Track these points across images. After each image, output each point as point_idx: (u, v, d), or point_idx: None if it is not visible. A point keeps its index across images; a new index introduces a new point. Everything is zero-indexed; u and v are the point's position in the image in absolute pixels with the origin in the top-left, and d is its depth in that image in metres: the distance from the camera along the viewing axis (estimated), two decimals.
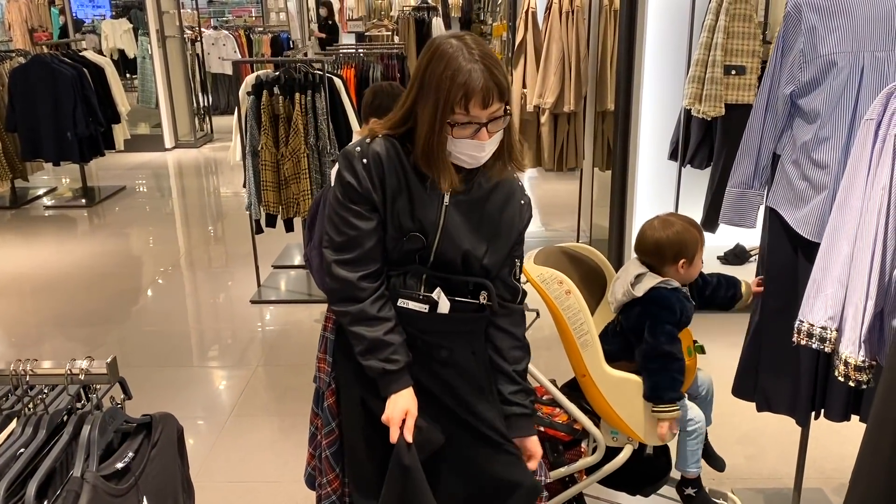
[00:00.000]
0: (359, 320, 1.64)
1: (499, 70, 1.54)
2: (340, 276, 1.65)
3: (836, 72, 2.11)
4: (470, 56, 1.51)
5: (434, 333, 1.69)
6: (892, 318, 1.81)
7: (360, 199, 1.63)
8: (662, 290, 2.06)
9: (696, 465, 2.19)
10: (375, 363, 1.64)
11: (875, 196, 1.78)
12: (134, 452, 1.34)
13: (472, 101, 1.51)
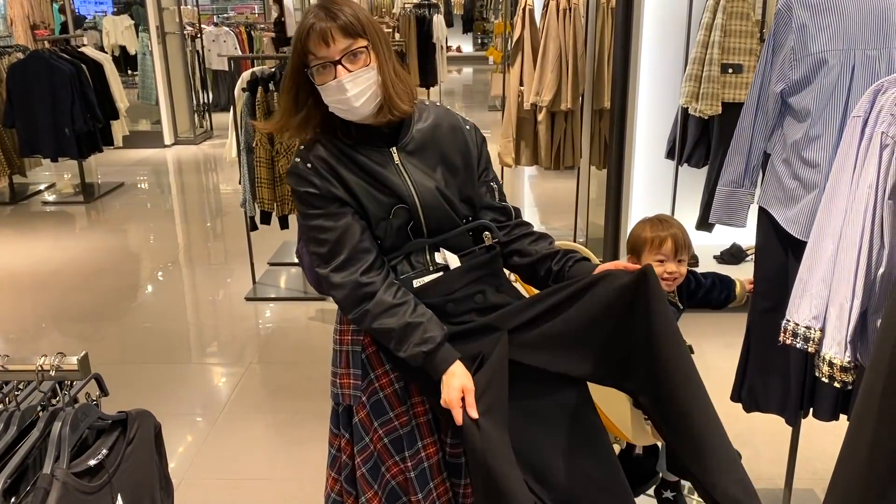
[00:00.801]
0: (379, 314, 1.60)
1: (341, 6, 1.57)
2: (342, 282, 1.62)
3: (826, 70, 2.10)
4: (313, 7, 1.58)
5: (459, 291, 1.69)
6: (875, 318, 1.79)
7: (323, 201, 1.63)
8: None
9: None
10: (413, 350, 1.59)
11: (861, 194, 1.76)
12: (108, 449, 1.33)
13: (310, 41, 1.56)
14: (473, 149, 1.75)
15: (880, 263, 1.79)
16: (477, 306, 1.71)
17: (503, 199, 1.82)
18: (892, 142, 1.71)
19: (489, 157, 1.82)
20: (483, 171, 1.78)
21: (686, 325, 3.24)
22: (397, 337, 1.60)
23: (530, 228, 1.84)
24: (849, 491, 1.72)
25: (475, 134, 1.77)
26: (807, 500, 2.63)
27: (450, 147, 1.72)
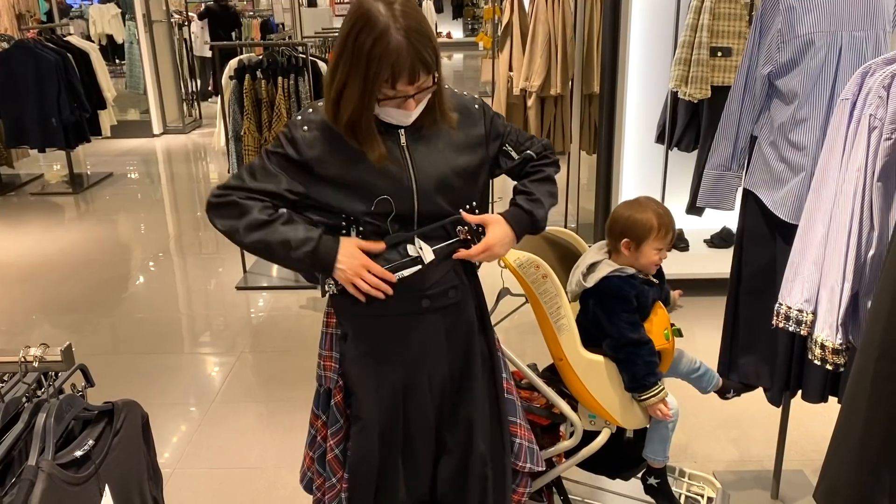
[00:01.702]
0: (251, 230, 1.59)
1: (426, 43, 1.49)
2: (225, 202, 1.61)
3: (813, 51, 2.09)
4: (397, 29, 1.45)
5: (434, 287, 1.69)
6: (867, 300, 1.80)
7: (286, 166, 1.61)
8: (615, 279, 1.99)
9: (664, 454, 2.17)
10: (296, 254, 1.59)
11: (850, 177, 1.76)
12: (94, 440, 1.33)
13: (399, 81, 1.50)
14: (482, 127, 1.72)
15: (870, 246, 1.80)
16: (451, 301, 1.73)
17: (523, 148, 1.78)
18: (880, 124, 1.70)
19: (502, 122, 1.78)
20: (497, 144, 1.76)
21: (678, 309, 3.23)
22: (276, 246, 1.59)
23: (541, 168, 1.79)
24: (842, 472, 1.73)
25: (484, 112, 1.73)
26: (796, 480, 2.64)
27: (458, 131, 1.69)
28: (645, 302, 2.00)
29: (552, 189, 1.80)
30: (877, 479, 1.60)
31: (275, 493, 2.67)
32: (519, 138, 1.79)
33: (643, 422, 2.10)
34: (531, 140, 1.81)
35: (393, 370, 1.76)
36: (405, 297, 1.68)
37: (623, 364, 1.97)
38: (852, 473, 1.66)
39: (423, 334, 1.74)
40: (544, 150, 1.81)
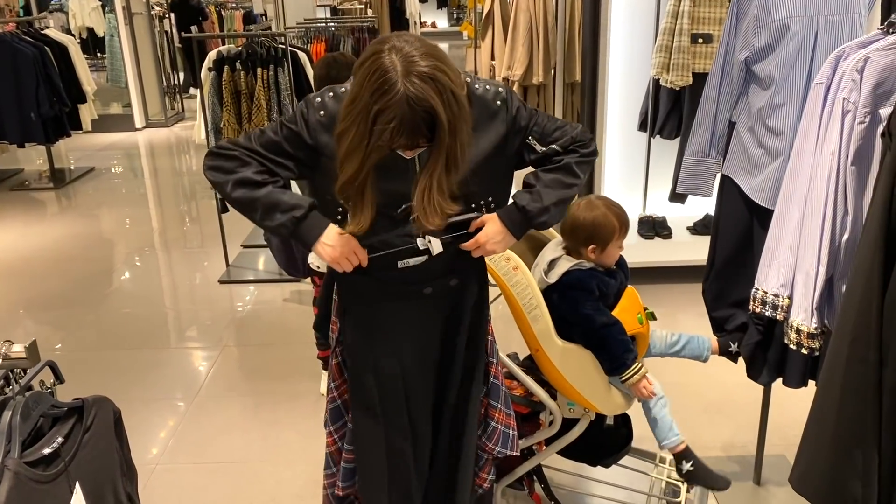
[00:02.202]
0: (239, 185, 1.57)
1: (436, 97, 1.39)
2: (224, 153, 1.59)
3: (789, 36, 2.09)
4: (408, 100, 1.37)
5: (438, 280, 1.69)
6: (842, 284, 1.80)
7: (294, 145, 1.59)
8: (575, 272, 2.01)
9: (675, 433, 2.15)
10: (280, 218, 1.57)
11: (824, 161, 1.76)
12: (64, 437, 1.31)
13: (396, 145, 1.45)
14: (503, 125, 1.64)
15: (845, 230, 1.80)
16: (453, 287, 1.73)
17: (550, 140, 1.67)
18: (853, 108, 1.70)
19: (527, 114, 1.67)
20: (520, 138, 1.67)
21: (662, 295, 3.27)
22: (262, 206, 1.57)
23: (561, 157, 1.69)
24: (816, 456, 1.74)
25: (507, 107, 1.64)
26: (779, 465, 2.65)
27: (478, 135, 1.59)
28: (606, 291, 2.02)
29: (565, 178, 1.67)
30: (850, 462, 1.61)
31: (258, 486, 2.66)
32: (546, 129, 1.68)
33: (622, 407, 2.10)
34: (561, 130, 1.69)
35: (392, 353, 1.76)
36: (408, 283, 1.68)
37: (599, 348, 1.98)
38: (826, 457, 1.66)
39: (424, 320, 1.75)
40: (573, 142, 1.68)
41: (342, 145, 1.46)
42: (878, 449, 1.60)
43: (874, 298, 1.56)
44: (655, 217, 4.41)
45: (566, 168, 1.68)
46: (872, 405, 1.59)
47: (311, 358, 3.27)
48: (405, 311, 1.74)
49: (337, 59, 2.68)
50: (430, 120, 1.40)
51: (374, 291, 1.71)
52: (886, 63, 1.65)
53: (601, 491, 2.48)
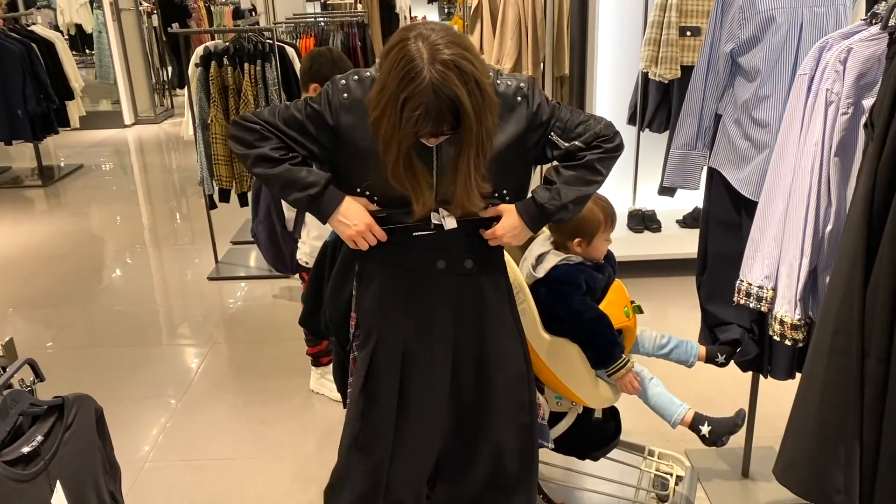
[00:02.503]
0: (261, 162, 1.62)
1: (460, 85, 1.40)
2: (247, 125, 1.63)
3: (775, 28, 2.08)
4: (433, 88, 1.39)
5: (452, 252, 1.69)
6: (826, 275, 1.80)
7: (314, 124, 1.61)
8: (563, 266, 2.02)
9: (678, 404, 2.15)
10: (296, 195, 1.63)
11: (808, 152, 1.76)
12: (44, 436, 1.30)
13: (422, 133, 1.47)
14: (524, 120, 1.63)
15: (828, 221, 1.80)
16: (467, 271, 1.72)
17: (572, 136, 1.66)
18: (836, 98, 1.70)
19: (549, 110, 1.66)
20: (541, 133, 1.66)
21: (652, 289, 3.27)
22: (280, 182, 1.63)
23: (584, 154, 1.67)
24: (799, 447, 1.74)
25: (528, 102, 1.63)
26: (768, 457, 2.65)
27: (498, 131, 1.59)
28: (594, 285, 2.02)
29: (586, 175, 1.66)
30: (832, 454, 1.61)
31: (247, 483, 2.65)
32: (568, 124, 1.66)
33: (609, 401, 2.10)
34: (585, 125, 1.67)
35: (399, 326, 1.75)
36: (421, 254, 1.69)
37: (586, 342, 1.98)
38: (809, 448, 1.67)
39: (434, 296, 1.73)
40: (596, 138, 1.66)
41: (378, 134, 1.50)
42: (860, 440, 1.60)
43: (856, 289, 1.57)
44: (645, 211, 4.42)
45: (588, 165, 1.66)
46: (854, 396, 1.59)
47: (300, 354, 3.26)
48: (416, 282, 1.73)
49: (322, 54, 2.67)
50: (454, 108, 1.43)
51: (388, 256, 1.72)
52: (869, 54, 1.65)
53: (590, 484, 2.48)
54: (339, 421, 3.01)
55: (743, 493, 2.50)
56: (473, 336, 1.77)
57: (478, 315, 1.76)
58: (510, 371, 1.81)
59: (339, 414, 3.03)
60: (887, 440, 1.58)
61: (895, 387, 1.55)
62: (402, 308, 1.74)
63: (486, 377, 1.80)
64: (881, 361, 1.56)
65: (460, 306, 1.74)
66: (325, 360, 3.12)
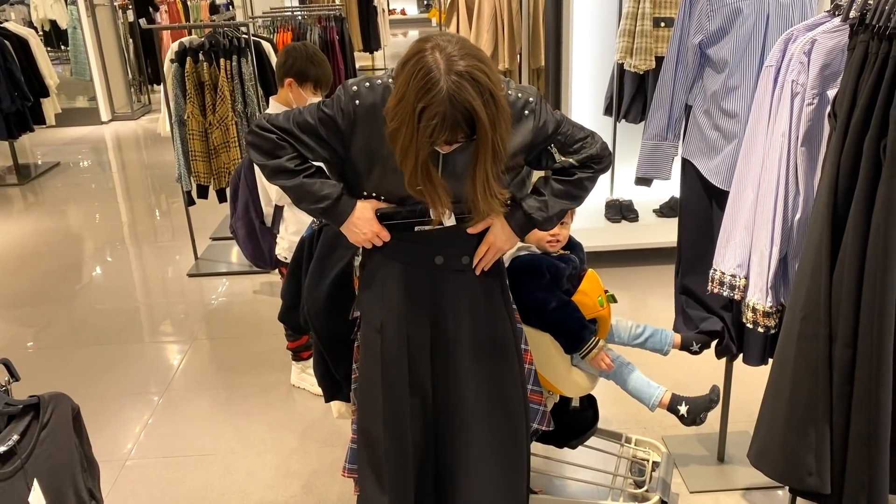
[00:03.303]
0: (277, 174, 1.70)
1: (475, 106, 1.45)
2: (264, 134, 1.69)
3: (742, 19, 2.12)
4: (450, 98, 1.44)
5: (451, 248, 1.74)
6: (796, 263, 1.84)
7: (327, 129, 1.66)
8: (524, 256, 2.05)
9: (655, 387, 2.17)
10: (309, 207, 1.72)
11: (776, 142, 1.80)
12: (20, 435, 1.31)
13: (438, 142, 1.51)
14: (530, 134, 1.68)
15: (797, 209, 1.84)
16: (462, 268, 1.76)
17: (569, 151, 1.72)
18: (802, 90, 1.73)
19: (554, 124, 1.71)
20: (542, 145, 1.72)
21: (631, 278, 3.29)
22: (294, 195, 1.72)
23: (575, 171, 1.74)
24: (772, 431, 1.78)
25: (535, 116, 1.67)
26: (743, 441, 2.69)
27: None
28: (557, 274, 2.03)
29: (573, 191, 1.75)
30: (804, 437, 1.65)
31: (229, 478, 2.66)
32: (567, 140, 1.72)
33: (585, 389, 2.13)
34: (582, 142, 1.73)
35: (400, 314, 1.78)
36: (420, 248, 1.74)
37: (555, 328, 2.00)
38: (781, 432, 1.71)
39: (432, 290, 1.77)
40: (591, 159, 1.74)
41: (396, 144, 1.54)
42: (830, 422, 1.64)
43: (823, 276, 1.61)
44: (622, 201, 4.45)
45: (577, 183, 1.76)
46: (823, 380, 1.63)
47: (281, 350, 3.27)
48: (415, 276, 1.77)
49: (296, 49, 2.68)
50: (469, 117, 1.47)
51: (391, 251, 1.76)
52: (832, 45, 1.68)
53: (569, 472, 2.52)
54: (320, 415, 3.05)
55: (719, 477, 2.54)
56: (468, 328, 1.80)
57: (473, 309, 1.80)
58: (503, 363, 1.84)
59: (321, 408, 3.06)
60: (856, 422, 1.62)
61: (862, 370, 1.59)
62: (403, 298, 1.78)
63: (482, 368, 1.82)
64: (848, 346, 1.60)
65: (457, 300, 1.79)
66: (305, 355, 3.13)
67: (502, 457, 1.87)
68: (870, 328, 1.55)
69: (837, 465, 1.68)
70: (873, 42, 1.51)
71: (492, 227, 1.74)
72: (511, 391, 1.86)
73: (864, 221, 1.53)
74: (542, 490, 2.42)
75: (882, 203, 1.50)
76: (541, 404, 2.02)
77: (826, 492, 1.69)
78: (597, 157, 1.75)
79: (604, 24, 4.20)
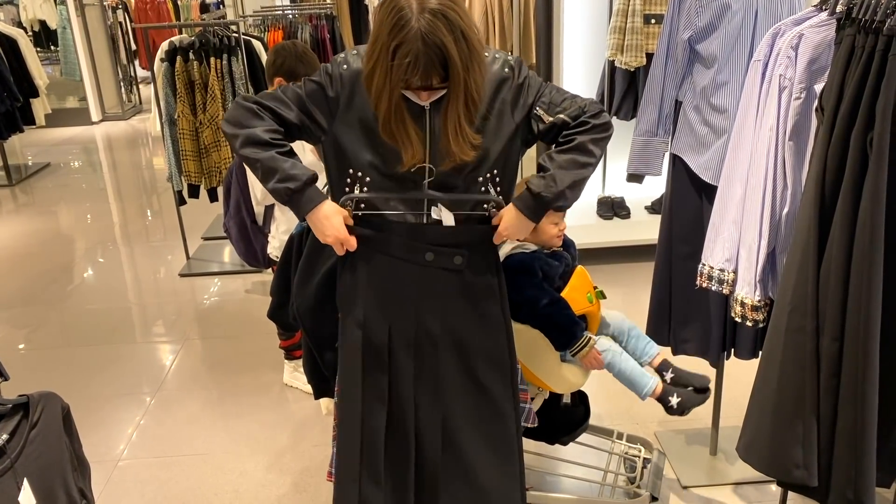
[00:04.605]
0: (249, 144, 1.63)
1: (447, 34, 1.45)
2: (242, 105, 1.66)
3: (730, 15, 2.12)
4: (423, 35, 1.44)
5: (443, 246, 1.69)
6: (784, 257, 1.85)
7: (313, 97, 1.64)
8: (518, 254, 2.04)
9: (649, 379, 2.16)
10: (276, 185, 1.63)
11: (763, 136, 1.80)
12: (9, 434, 1.30)
13: (411, 85, 1.51)
14: (509, 93, 1.64)
15: (784, 203, 1.84)
16: (454, 267, 1.71)
17: (558, 110, 1.65)
18: (789, 84, 1.74)
19: (535, 85, 1.67)
20: (527, 109, 1.66)
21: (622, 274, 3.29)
22: (263, 169, 1.64)
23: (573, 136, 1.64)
24: (760, 424, 1.79)
25: (514, 74, 1.64)
26: (735, 436, 2.67)
27: (486, 104, 1.61)
28: (550, 272, 2.03)
29: (580, 158, 1.63)
30: (791, 430, 1.66)
31: (221, 477, 2.66)
32: (554, 99, 1.66)
33: (575, 385, 2.13)
34: (571, 100, 1.66)
35: (380, 311, 1.74)
36: (411, 244, 1.69)
37: (546, 325, 2.00)
38: (769, 425, 1.71)
39: (420, 287, 1.72)
40: (582, 112, 1.64)
41: (371, 86, 1.53)
42: (817, 415, 1.65)
43: (810, 269, 1.61)
44: (614, 198, 4.46)
45: (580, 147, 1.63)
46: (811, 373, 1.64)
47: (273, 348, 3.26)
48: (403, 272, 1.72)
49: (286, 47, 2.68)
50: (442, 56, 1.47)
51: (378, 244, 1.71)
52: (819, 39, 1.69)
53: (560, 469, 2.52)
54: (313, 413, 3.05)
55: (710, 472, 2.56)
56: (458, 333, 1.76)
57: (465, 313, 1.75)
58: (493, 364, 1.81)
59: (313, 407, 3.06)
60: (842, 415, 1.63)
61: (849, 364, 1.60)
62: (387, 293, 1.74)
63: (470, 371, 1.79)
64: (835, 339, 1.61)
65: (446, 301, 1.73)
66: (297, 354, 3.13)
67: (493, 464, 1.83)
68: (856, 321, 1.56)
69: (824, 457, 1.69)
70: (860, 36, 1.52)
71: (504, 216, 1.68)
72: (502, 398, 1.82)
73: (851, 215, 1.54)
74: (533, 487, 2.42)
75: (869, 196, 1.51)
76: (526, 403, 2.00)
77: (813, 484, 1.70)
78: (589, 110, 1.65)
79: (594, 22, 4.21)
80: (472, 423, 1.80)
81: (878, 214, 1.50)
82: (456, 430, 1.79)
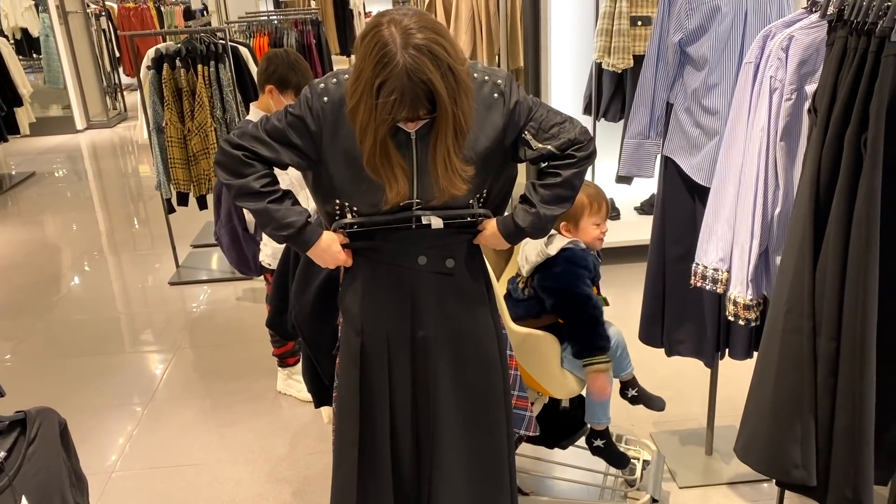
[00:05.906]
0: (242, 195, 1.65)
1: (434, 70, 1.41)
2: (230, 152, 1.63)
3: (720, 17, 2.13)
4: (407, 72, 1.40)
5: (434, 248, 1.69)
6: (776, 256, 1.86)
7: (294, 132, 1.61)
8: (574, 249, 2.08)
9: (606, 416, 2.21)
10: (274, 233, 1.67)
11: (755, 138, 1.81)
12: (7, 451, 1.29)
13: (399, 118, 1.47)
14: (500, 118, 1.61)
15: (776, 203, 1.86)
16: (446, 270, 1.72)
17: (546, 137, 1.63)
18: (780, 85, 1.75)
19: (525, 108, 1.63)
20: (516, 132, 1.64)
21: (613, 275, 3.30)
22: (258, 218, 1.68)
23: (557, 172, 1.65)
24: (758, 424, 1.80)
25: (504, 100, 1.61)
26: (730, 436, 2.71)
27: (475, 129, 1.57)
28: (594, 273, 2.08)
29: (563, 193, 1.67)
30: (789, 430, 1.67)
31: (217, 487, 2.64)
32: (543, 125, 1.63)
33: (575, 391, 2.14)
34: (559, 126, 1.64)
35: (377, 317, 1.74)
36: (404, 250, 1.69)
37: (585, 325, 2.03)
38: (767, 425, 1.72)
39: (412, 292, 1.72)
40: (571, 144, 1.63)
41: (355, 122, 1.50)
42: (815, 415, 1.66)
43: (806, 270, 1.62)
44: None
45: (565, 184, 1.67)
46: (808, 373, 1.65)
47: (266, 356, 3.25)
48: (397, 277, 1.72)
49: (278, 55, 2.67)
50: (429, 91, 1.43)
51: (373, 252, 1.72)
52: (809, 41, 1.70)
53: (559, 472, 2.52)
54: (308, 421, 3.03)
55: (707, 472, 2.56)
56: (450, 335, 1.76)
57: (456, 316, 1.75)
58: (485, 369, 1.80)
59: (308, 414, 3.05)
60: (840, 414, 1.64)
61: (846, 363, 1.61)
62: (384, 299, 1.74)
63: (461, 377, 1.78)
64: (832, 339, 1.62)
65: (439, 304, 1.74)
66: (291, 361, 3.11)
67: (481, 472, 1.83)
68: (853, 321, 1.57)
69: (823, 457, 1.70)
70: (852, 38, 1.53)
71: (486, 228, 1.70)
72: (493, 406, 1.81)
73: (846, 215, 1.55)
74: (532, 491, 2.42)
75: (863, 196, 1.52)
76: (527, 410, 2.00)
77: (812, 484, 1.70)
78: (577, 142, 1.64)
79: (581, 24, 4.22)
80: (461, 432, 1.80)
81: (873, 214, 1.51)
82: (445, 437, 1.78)
